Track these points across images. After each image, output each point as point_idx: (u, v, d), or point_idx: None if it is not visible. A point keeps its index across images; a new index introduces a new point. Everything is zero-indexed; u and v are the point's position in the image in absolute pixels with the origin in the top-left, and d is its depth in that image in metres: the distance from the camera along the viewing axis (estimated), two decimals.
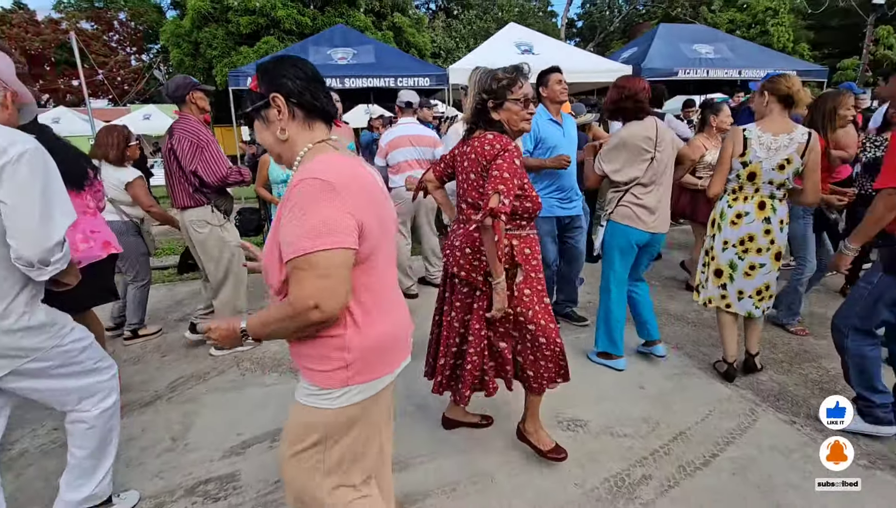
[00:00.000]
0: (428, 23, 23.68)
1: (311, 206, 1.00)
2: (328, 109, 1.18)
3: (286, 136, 1.14)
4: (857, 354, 2.16)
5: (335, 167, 1.05)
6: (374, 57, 7.88)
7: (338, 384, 1.14)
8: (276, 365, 3.09)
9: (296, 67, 1.15)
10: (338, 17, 15.43)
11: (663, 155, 2.65)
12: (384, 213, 1.18)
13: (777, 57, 11.41)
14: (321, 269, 1.00)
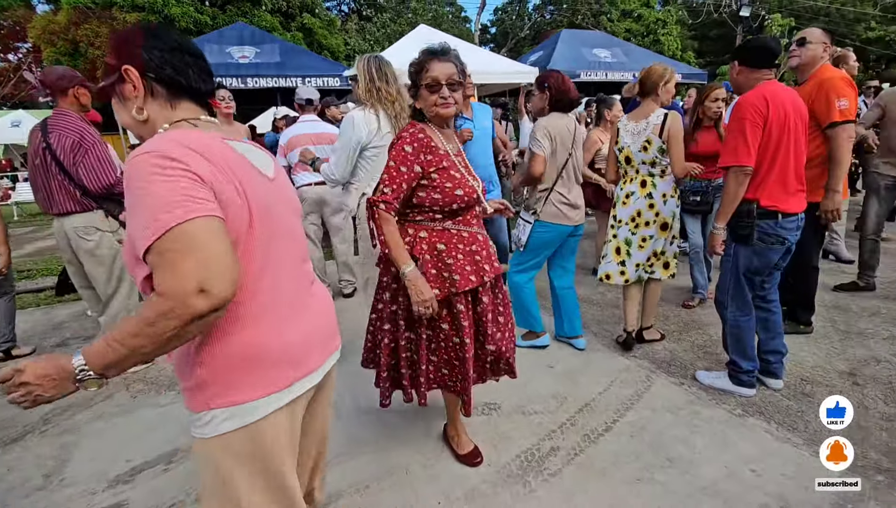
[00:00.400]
0: (341, 25, 23.23)
1: (150, 182, 0.82)
2: (197, 85, 1.02)
3: (144, 115, 0.98)
4: (734, 324, 2.40)
5: (178, 139, 0.88)
6: (280, 56, 7.56)
7: (198, 408, 0.95)
8: (172, 383, 2.84)
9: (156, 36, 0.98)
10: (241, 17, 14.62)
11: (578, 151, 2.80)
12: (263, 194, 0.99)
13: (666, 61, 12.60)
14: (192, 241, 0.80)
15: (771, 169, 2.15)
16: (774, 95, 2.11)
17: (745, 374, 2.42)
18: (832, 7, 32.31)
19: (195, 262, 0.80)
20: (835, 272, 4.11)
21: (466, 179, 1.76)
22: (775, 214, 2.18)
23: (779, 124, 2.11)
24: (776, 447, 2.05)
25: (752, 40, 2.31)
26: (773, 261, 2.29)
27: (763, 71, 2.19)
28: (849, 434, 2.11)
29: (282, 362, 1.00)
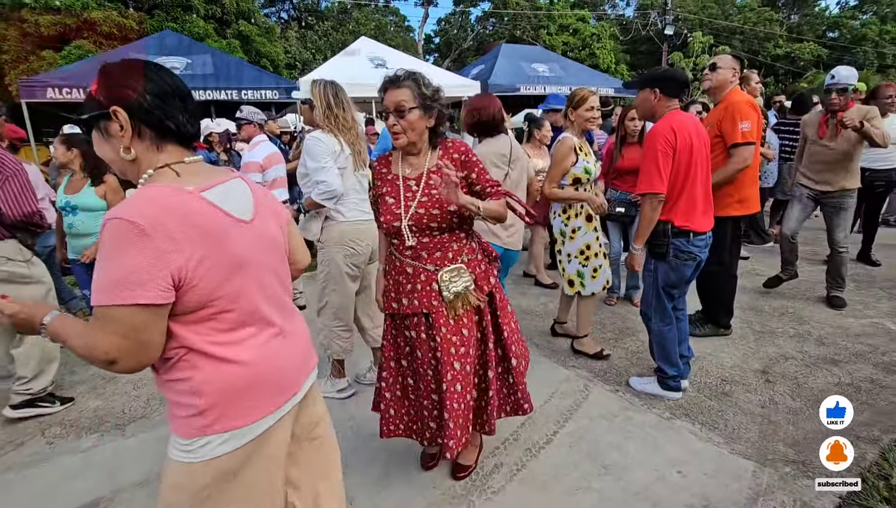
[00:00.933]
0: (280, 33, 22.66)
1: (115, 252, 0.89)
2: (185, 130, 1.04)
3: (132, 155, 1.00)
4: (658, 333, 2.57)
5: (154, 204, 0.93)
6: (213, 67, 7.26)
7: (195, 434, 1.00)
8: (95, 424, 2.64)
9: (150, 78, 0.99)
10: (171, 22, 13.89)
11: (515, 172, 2.78)
12: (238, 247, 1.03)
13: (600, 76, 13.29)
14: (119, 325, 0.90)
15: (682, 192, 2.34)
16: (680, 125, 2.29)
17: (672, 379, 2.59)
18: (745, 27, 35.42)
19: (115, 339, 0.91)
20: (751, 276, 4.49)
21: (395, 207, 1.76)
22: (687, 233, 2.37)
23: (686, 152, 2.29)
24: (700, 447, 2.21)
25: (668, 71, 2.49)
26: (686, 275, 2.48)
27: (674, 100, 2.38)
28: (760, 430, 2.31)
29: (272, 387, 1.10)
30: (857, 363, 2.87)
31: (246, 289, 1.06)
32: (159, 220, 0.91)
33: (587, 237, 2.91)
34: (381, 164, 1.87)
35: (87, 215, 3.17)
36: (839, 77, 3.43)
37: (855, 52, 36.41)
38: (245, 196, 1.13)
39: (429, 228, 1.72)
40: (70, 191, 3.17)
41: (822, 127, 3.56)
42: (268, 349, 1.10)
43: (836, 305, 3.65)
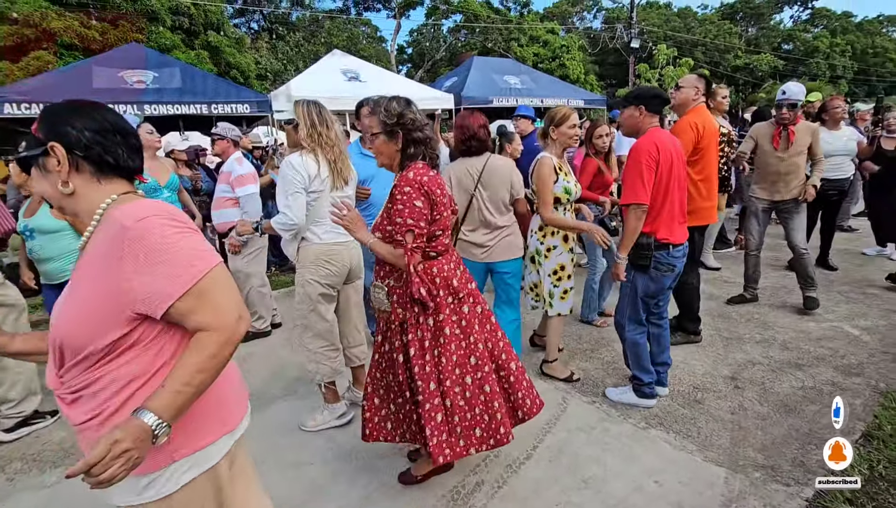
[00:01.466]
0: (251, 43, 22.41)
1: (171, 236, 0.95)
2: (125, 164, 1.05)
3: (70, 189, 1.00)
4: (632, 342, 2.64)
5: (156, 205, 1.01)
6: (181, 81, 7.11)
7: (158, 465, 0.96)
8: (60, 458, 2.52)
9: (87, 115, 1.01)
10: (136, 33, 13.57)
11: (488, 192, 2.71)
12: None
13: (570, 88, 13.60)
14: (221, 284, 0.98)
15: (663, 206, 2.43)
16: (661, 141, 2.40)
17: (647, 386, 2.66)
18: (706, 39, 36.93)
19: (229, 298, 0.97)
20: (719, 283, 4.65)
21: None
22: (667, 245, 2.46)
23: (667, 166, 2.39)
24: (675, 456, 2.27)
25: (651, 89, 2.58)
26: (666, 285, 2.57)
27: (656, 116, 2.49)
28: (731, 436, 2.39)
29: (234, 402, 1.12)
30: (819, 367, 3.00)
31: None
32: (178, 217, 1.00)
33: (562, 257, 2.88)
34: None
35: (44, 239, 2.99)
36: (789, 93, 3.64)
37: (808, 63, 38.43)
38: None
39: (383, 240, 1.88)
40: (28, 214, 3.03)
41: (775, 139, 3.73)
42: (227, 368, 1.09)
43: (810, 306, 3.73)
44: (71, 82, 6.61)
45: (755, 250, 3.98)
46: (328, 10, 30.62)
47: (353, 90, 8.70)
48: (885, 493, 1.94)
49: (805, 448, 2.26)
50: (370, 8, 31.57)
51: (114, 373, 0.96)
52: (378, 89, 9.14)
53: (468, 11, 27.73)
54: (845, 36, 41.42)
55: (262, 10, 25.66)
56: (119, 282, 0.92)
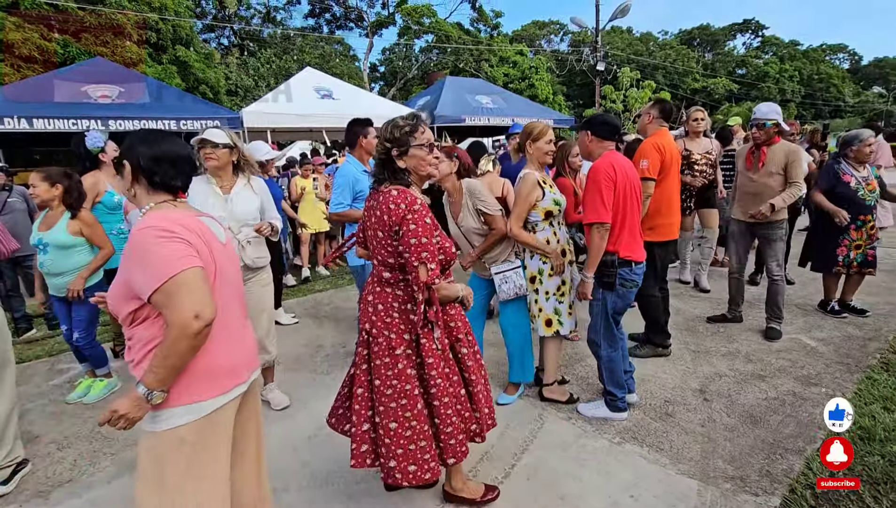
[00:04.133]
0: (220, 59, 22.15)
1: (153, 244, 1.26)
2: (170, 184, 1.44)
3: (132, 192, 1.45)
4: (607, 359, 2.69)
5: (164, 215, 1.35)
6: (148, 96, 6.95)
7: (162, 406, 1.30)
8: (13, 494, 2.36)
9: (151, 144, 1.42)
10: (100, 46, 13.21)
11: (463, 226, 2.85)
12: (219, 255, 1.44)
13: (539, 108, 13.99)
14: (188, 285, 1.25)
15: (623, 225, 2.52)
16: (617, 163, 2.50)
17: (621, 401, 2.72)
18: (667, 63, 38.78)
19: (191, 299, 1.24)
20: (686, 298, 4.81)
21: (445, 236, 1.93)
22: (630, 262, 2.54)
23: (623, 187, 2.49)
24: (649, 469, 2.31)
25: (601, 116, 2.66)
26: (630, 301, 2.67)
27: (608, 142, 2.58)
28: (702, 448, 2.46)
29: (226, 373, 1.42)
30: (780, 378, 3.14)
31: (221, 290, 1.43)
32: (174, 223, 1.32)
33: (555, 282, 2.84)
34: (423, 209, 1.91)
35: (58, 254, 3.00)
36: (759, 113, 3.66)
37: (760, 87, 40.82)
38: (220, 228, 1.56)
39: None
40: (43, 227, 2.99)
41: (748, 159, 3.79)
42: (227, 340, 1.44)
43: (771, 336, 3.72)
44: (30, 95, 6.36)
45: (736, 272, 4.00)
46: (300, 27, 30.68)
47: (326, 107, 8.71)
48: (845, 499, 2.02)
49: (771, 458, 2.35)
50: (343, 26, 31.84)
51: (139, 334, 1.34)
52: (351, 105, 9.17)
53: (440, 32, 28.30)
54: (793, 62, 44.33)
55: (233, 27, 25.47)
56: (127, 271, 1.31)
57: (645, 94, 25.17)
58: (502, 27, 33.02)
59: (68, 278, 3.03)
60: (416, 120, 1.85)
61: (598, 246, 2.50)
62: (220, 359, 1.40)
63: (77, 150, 3.48)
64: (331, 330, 4.47)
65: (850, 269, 3.95)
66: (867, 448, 2.31)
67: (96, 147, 3.48)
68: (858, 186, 3.86)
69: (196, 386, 1.33)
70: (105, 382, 3.33)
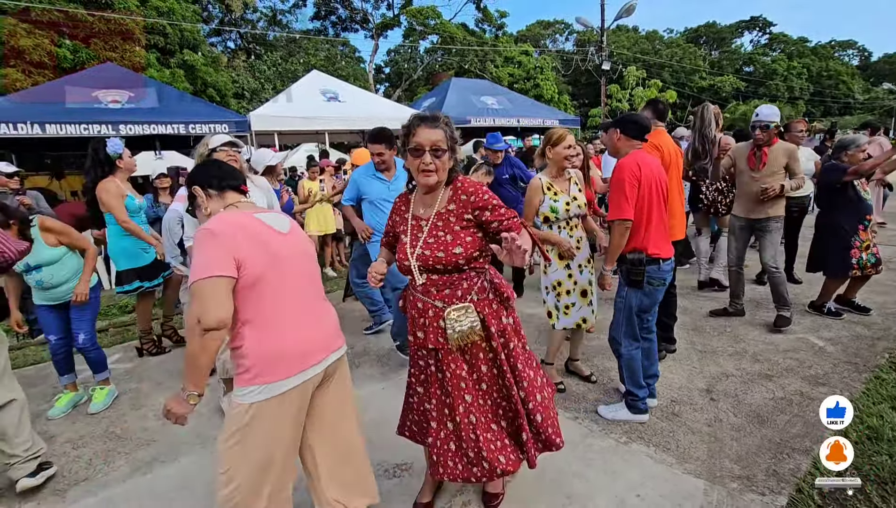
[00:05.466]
0: (227, 62, 22.34)
1: (199, 249, 1.46)
2: (232, 182, 1.70)
3: (208, 211, 1.66)
4: (628, 358, 2.69)
5: (221, 218, 1.53)
6: (158, 100, 7.04)
7: (243, 384, 1.51)
8: (30, 491, 2.41)
9: (204, 167, 1.76)
10: (110, 52, 13.38)
11: None
12: (277, 249, 1.57)
13: (545, 108, 13.98)
14: (199, 294, 1.40)
15: (650, 222, 2.53)
16: (644, 161, 2.52)
17: (641, 402, 2.72)
18: (673, 61, 38.57)
19: (198, 306, 1.39)
20: (693, 297, 4.80)
21: (406, 247, 1.79)
22: (658, 260, 2.56)
23: (650, 184, 2.50)
24: (655, 469, 2.32)
25: (632, 116, 2.69)
26: (658, 299, 2.67)
27: (636, 141, 2.61)
28: (708, 448, 2.46)
29: (297, 356, 1.56)
30: (788, 378, 3.13)
31: (283, 279, 1.56)
32: (224, 227, 1.48)
33: (558, 274, 2.97)
34: (401, 201, 1.93)
35: (52, 268, 2.98)
36: (762, 115, 3.76)
37: (768, 85, 40.48)
38: (284, 220, 1.71)
39: (435, 268, 1.74)
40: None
41: (750, 159, 3.89)
42: (295, 326, 1.57)
43: (779, 324, 3.80)
44: (43, 101, 6.47)
45: (735, 266, 4.11)
46: (306, 29, 30.85)
47: (332, 110, 8.77)
48: (852, 499, 2.03)
49: (778, 458, 2.35)
50: (348, 28, 31.96)
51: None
52: (357, 107, 9.23)
53: (444, 33, 28.33)
54: (801, 59, 43.93)
55: (239, 30, 25.67)
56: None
57: (651, 92, 25.08)
58: (507, 27, 33.07)
59: (70, 284, 3.03)
60: (412, 121, 1.74)
61: (617, 243, 2.54)
62: (289, 343, 1.54)
63: (96, 155, 3.56)
64: (347, 335, 4.50)
65: (864, 271, 3.95)
66: (875, 448, 2.31)
67: (116, 153, 3.56)
68: (859, 186, 3.99)
69: (269, 367, 1.50)
70: (107, 389, 3.31)
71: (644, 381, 2.78)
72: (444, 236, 1.73)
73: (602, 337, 3.85)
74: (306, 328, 1.60)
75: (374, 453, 2.49)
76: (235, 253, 1.44)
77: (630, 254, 2.56)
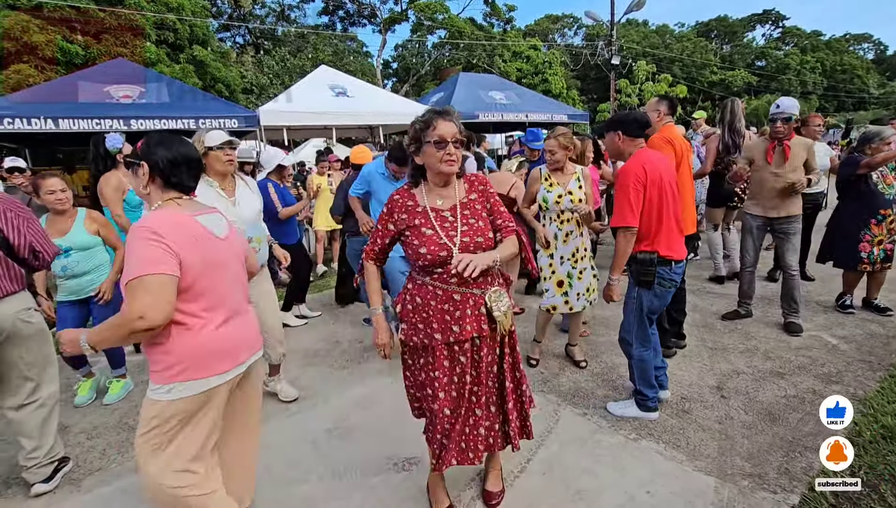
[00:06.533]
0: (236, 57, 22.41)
1: (139, 244, 1.42)
2: (183, 185, 1.62)
3: (147, 191, 1.60)
4: (639, 359, 2.67)
5: (162, 217, 1.50)
6: (169, 96, 7.09)
7: (164, 381, 1.50)
8: None
9: (168, 148, 1.57)
10: (120, 48, 13.47)
11: None
12: (214, 254, 1.58)
13: (553, 103, 13.88)
14: (146, 289, 1.38)
15: (660, 224, 2.49)
16: (649, 162, 2.46)
17: (651, 401, 2.71)
18: (683, 56, 38.11)
19: (144, 302, 1.38)
20: (703, 294, 4.76)
21: (437, 238, 1.76)
22: (669, 261, 2.52)
23: (656, 186, 2.46)
24: (665, 466, 2.31)
25: (629, 114, 2.65)
26: (668, 300, 2.65)
27: (639, 140, 2.57)
28: (719, 445, 2.45)
29: (224, 355, 1.59)
30: (800, 376, 3.10)
31: (217, 282, 1.58)
32: (165, 225, 1.46)
33: (543, 260, 3.24)
34: (405, 197, 1.86)
35: (82, 254, 3.05)
36: (783, 107, 3.60)
37: (780, 79, 39.86)
38: (222, 222, 1.71)
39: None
40: (56, 233, 2.95)
41: (769, 154, 3.72)
42: (225, 327, 1.59)
43: (792, 330, 3.70)
44: (56, 96, 6.54)
45: (750, 267, 3.97)
46: (314, 24, 30.85)
47: (340, 105, 8.77)
48: (867, 498, 2.00)
49: (790, 456, 2.33)
50: (356, 23, 31.93)
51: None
52: (365, 103, 9.21)
53: (452, 28, 28.18)
54: (815, 53, 43.18)
55: (248, 25, 25.72)
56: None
57: (661, 87, 24.81)
58: (515, 21, 32.85)
59: (91, 277, 3.09)
60: (431, 115, 1.77)
61: (622, 250, 2.51)
62: (219, 343, 1.56)
63: (96, 150, 3.60)
64: (347, 326, 4.53)
65: (874, 266, 3.88)
66: (890, 447, 2.28)
67: (115, 148, 3.60)
68: (878, 180, 3.87)
69: (195, 364, 1.51)
70: (122, 382, 3.36)
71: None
72: (477, 223, 1.83)
73: (611, 334, 3.84)
74: (234, 328, 1.63)
75: (382, 447, 2.53)
76: (179, 256, 1.45)
77: (640, 254, 2.53)
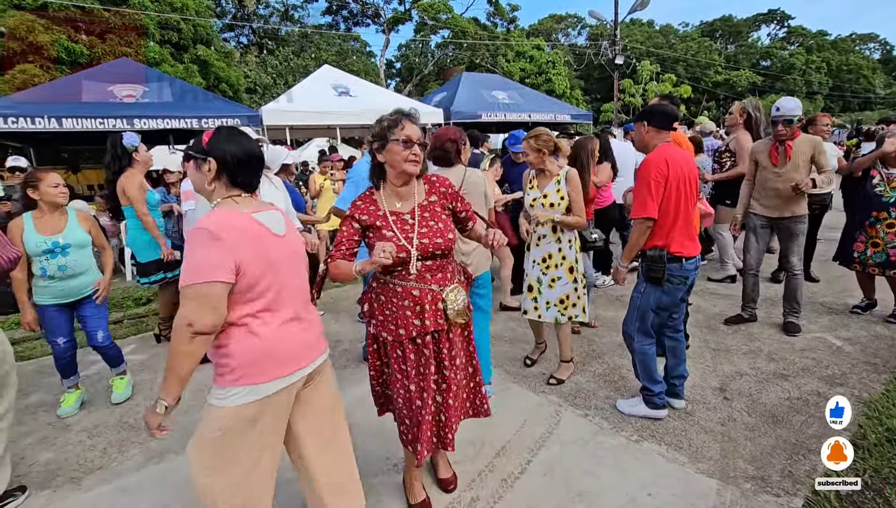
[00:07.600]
0: (240, 57, 22.46)
1: (195, 248, 1.37)
2: (246, 184, 1.55)
3: (211, 187, 1.51)
4: (640, 352, 2.66)
5: (222, 219, 1.42)
6: (172, 95, 7.11)
7: (226, 384, 1.43)
8: (47, 479, 2.46)
9: (238, 145, 1.50)
10: (124, 47, 13.52)
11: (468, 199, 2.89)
12: (273, 253, 1.50)
13: (556, 103, 13.86)
14: (193, 296, 1.33)
15: (676, 220, 2.48)
16: (672, 157, 2.45)
17: (657, 397, 2.68)
18: (688, 56, 37.97)
19: (191, 307, 1.33)
20: (706, 295, 4.73)
21: (396, 240, 1.79)
22: (680, 259, 2.51)
23: (677, 181, 2.44)
24: (667, 468, 2.30)
25: (659, 106, 2.62)
26: (679, 297, 2.63)
27: (664, 133, 2.54)
28: (721, 448, 2.43)
29: (284, 359, 1.51)
30: (804, 378, 3.07)
31: (276, 282, 1.50)
32: (224, 227, 1.39)
33: (526, 264, 3.23)
34: (367, 202, 1.87)
35: (80, 253, 2.98)
36: (784, 109, 3.56)
37: (785, 79, 39.66)
38: (280, 220, 1.61)
39: (433, 255, 1.84)
40: (48, 232, 2.85)
41: (773, 155, 3.69)
42: (285, 329, 1.52)
43: (790, 330, 3.71)
44: (60, 96, 6.57)
45: (754, 270, 3.92)
46: (318, 24, 30.91)
47: (343, 105, 8.78)
48: (871, 502, 1.98)
49: (793, 458, 2.31)
50: (359, 23, 31.97)
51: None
52: (368, 102, 9.22)
53: (456, 27, 28.18)
54: (820, 53, 42.95)
55: (252, 25, 25.79)
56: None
57: (665, 87, 24.71)
58: (519, 21, 32.82)
59: (87, 277, 3.02)
60: (399, 115, 1.82)
61: (635, 239, 2.51)
62: (278, 345, 1.49)
63: (114, 149, 3.61)
64: (348, 326, 4.53)
65: (865, 267, 3.85)
66: (894, 451, 2.26)
67: (132, 146, 3.63)
68: (881, 182, 3.82)
69: (255, 369, 1.44)
70: (125, 379, 3.33)
71: (671, 380, 2.76)
72: (436, 225, 1.87)
73: (614, 335, 3.82)
74: (296, 329, 1.55)
75: (382, 447, 2.52)
76: (235, 258, 1.37)
77: (650, 250, 2.52)
